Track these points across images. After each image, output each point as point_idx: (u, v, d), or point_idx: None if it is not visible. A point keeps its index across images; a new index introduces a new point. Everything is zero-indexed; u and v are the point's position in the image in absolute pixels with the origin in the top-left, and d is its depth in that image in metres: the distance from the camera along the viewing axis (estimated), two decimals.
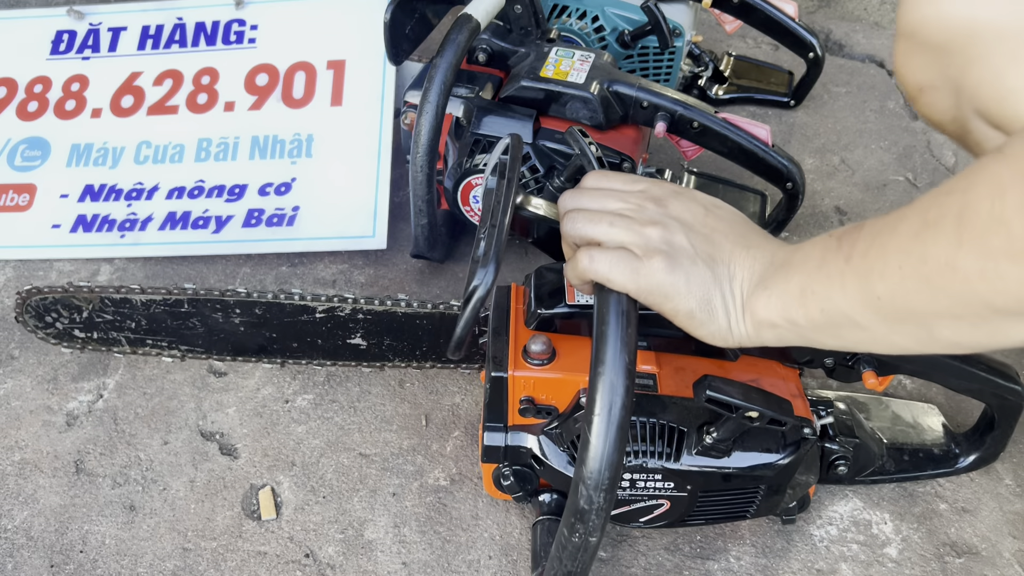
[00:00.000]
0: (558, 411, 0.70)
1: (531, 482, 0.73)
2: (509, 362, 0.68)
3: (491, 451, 0.71)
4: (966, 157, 1.29)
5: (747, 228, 0.61)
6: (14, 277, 1.06)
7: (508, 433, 0.71)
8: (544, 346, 0.68)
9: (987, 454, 0.82)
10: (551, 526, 0.71)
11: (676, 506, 0.70)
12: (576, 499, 0.51)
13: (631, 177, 0.61)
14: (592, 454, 0.50)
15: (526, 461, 0.72)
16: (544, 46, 1.01)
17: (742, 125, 0.99)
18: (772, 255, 0.57)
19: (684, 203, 0.59)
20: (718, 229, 0.59)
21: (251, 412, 0.90)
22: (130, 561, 0.77)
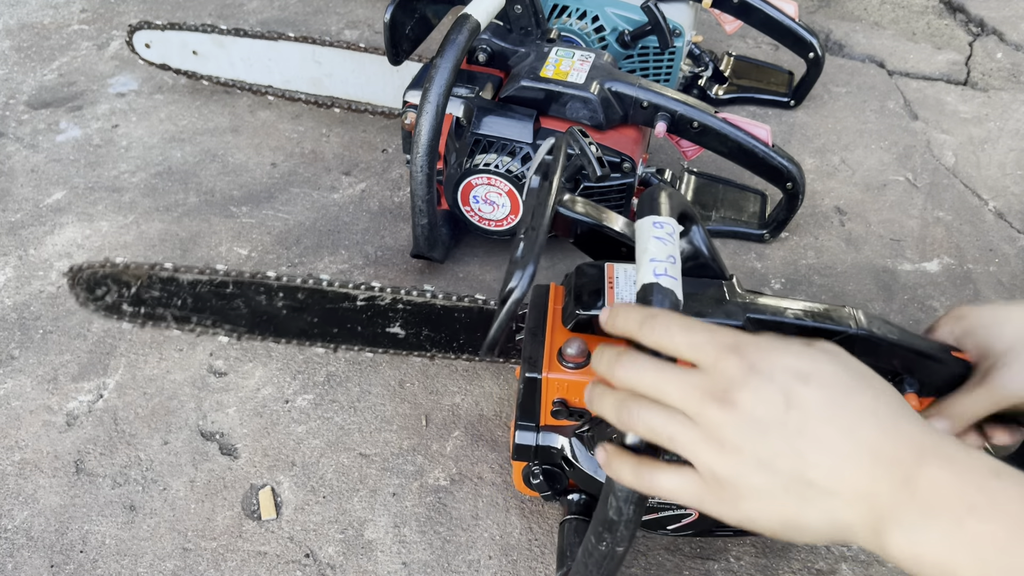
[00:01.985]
0: (590, 415, 0.68)
1: (560, 481, 0.73)
2: (544, 363, 0.67)
3: (522, 449, 0.71)
4: (966, 157, 1.30)
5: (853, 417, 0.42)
6: (14, 277, 1.06)
7: (540, 433, 0.71)
8: (580, 349, 0.67)
9: None
10: (579, 526, 0.72)
11: (703, 517, 0.70)
12: (605, 510, 0.51)
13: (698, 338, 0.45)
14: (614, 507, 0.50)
15: (556, 461, 0.72)
16: (544, 46, 1.01)
17: (742, 125, 0.99)
18: None
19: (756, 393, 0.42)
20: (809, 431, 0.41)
21: (251, 412, 0.90)
22: (130, 561, 0.77)
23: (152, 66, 1.37)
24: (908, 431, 0.42)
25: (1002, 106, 1.42)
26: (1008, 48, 1.58)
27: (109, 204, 1.18)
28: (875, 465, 0.40)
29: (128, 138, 1.32)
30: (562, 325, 0.70)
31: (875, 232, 1.15)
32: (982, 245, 1.14)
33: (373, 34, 1.60)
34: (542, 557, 0.77)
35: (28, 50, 1.53)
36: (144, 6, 1.69)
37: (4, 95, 1.42)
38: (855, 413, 0.42)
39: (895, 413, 0.43)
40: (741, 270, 1.09)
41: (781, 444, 0.42)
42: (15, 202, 1.19)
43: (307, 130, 1.34)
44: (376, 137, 1.32)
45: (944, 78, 1.50)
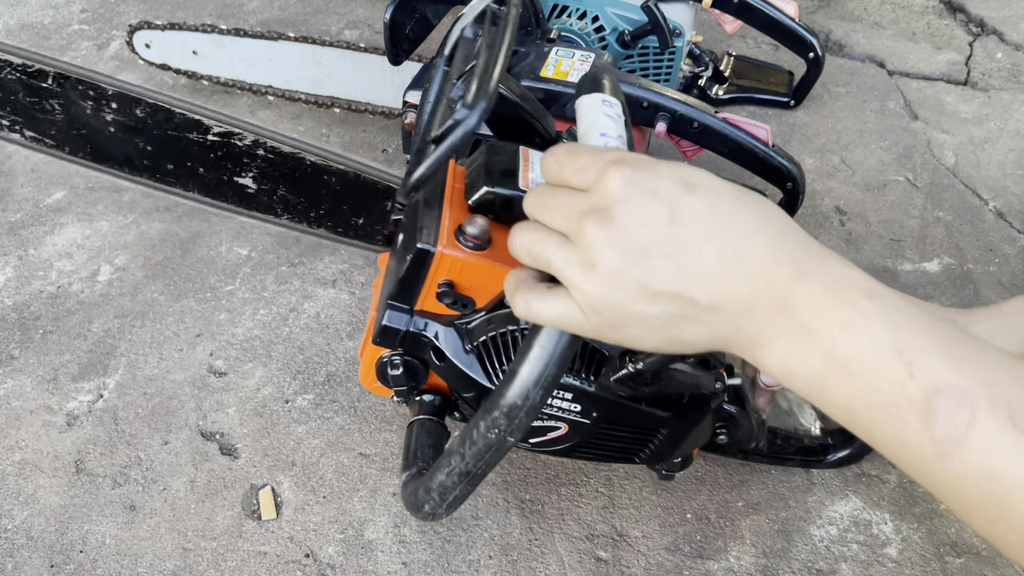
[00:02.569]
0: (475, 305, 0.62)
1: (420, 379, 0.66)
2: (440, 237, 0.59)
3: (389, 333, 0.63)
4: (966, 157, 1.30)
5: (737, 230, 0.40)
6: (14, 277, 1.06)
7: (414, 317, 0.63)
8: (483, 229, 0.59)
9: (855, 452, 0.83)
10: (432, 427, 0.66)
11: (573, 432, 0.67)
12: (507, 392, 0.45)
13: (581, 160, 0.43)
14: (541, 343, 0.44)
15: (422, 354, 0.64)
16: (544, 46, 1.01)
17: (742, 125, 0.99)
18: None
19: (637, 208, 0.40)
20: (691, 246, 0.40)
21: (251, 412, 0.90)
22: (130, 561, 0.77)
23: (152, 66, 1.36)
24: (792, 243, 0.41)
25: (1002, 106, 1.42)
26: (1008, 48, 1.58)
27: (109, 204, 1.18)
28: (755, 279, 0.39)
29: None
30: (462, 202, 0.62)
31: (875, 232, 1.15)
32: (982, 245, 1.14)
33: (373, 34, 1.60)
34: (542, 557, 0.77)
35: None
36: (144, 6, 1.69)
37: None
38: (741, 225, 0.40)
39: (782, 227, 0.41)
40: None
41: (662, 263, 0.39)
42: (15, 202, 1.19)
43: (307, 130, 1.34)
44: (376, 137, 1.32)
45: (944, 78, 1.50)
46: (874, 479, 0.85)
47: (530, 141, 0.62)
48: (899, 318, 0.38)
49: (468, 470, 0.49)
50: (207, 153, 0.70)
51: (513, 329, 0.62)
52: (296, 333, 0.99)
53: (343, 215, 0.76)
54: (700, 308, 0.40)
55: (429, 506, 0.52)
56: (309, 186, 0.73)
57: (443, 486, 0.51)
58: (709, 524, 0.80)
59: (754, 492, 0.83)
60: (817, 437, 0.84)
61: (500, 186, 0.59)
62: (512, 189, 0.59)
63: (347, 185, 0.74)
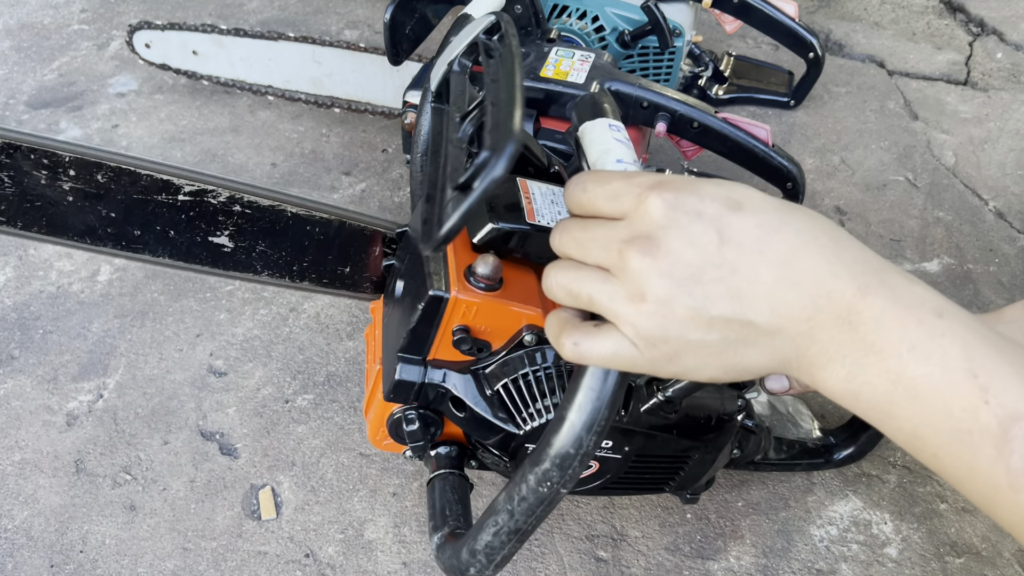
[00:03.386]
0: (491, 348, 0.60)
1: (436, 431, 0.63)
2: (451, 281, 0.56)
3: (403, 388, 0.60)
4: (966, 157, 1.30)
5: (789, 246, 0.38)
6: (14, 277, 1.06)
7: (427, 368, 0.60)
8: (494, 268, 0.56)
9: (859, 451, 0.83)
10: (455, 481, 0.63)
11: (605, 468, 0.65)
12: (557, 442, 0.42)
13: (613, 187, 0.41)
14: (589, 385, 0.41)
15: (438, 405, 0.62)
16: (544, 46, 1.01)
17: (742, 125, 0.99)
18: None
19: (684, 232, 0.38)
20: (745, 267, 0.38)
21: (251, 412, 0.90)
22: (130, 561, 0.77)
23: (152, 66, 1.37)
24: (851, 256, 0.38)
25: (1002, 106, 1.42)
26: (1008, 48, 1.58)
27: None
28: (816, 296, 0.37)
29: (128, 138, 1.32)
30: (466, 242, 0.59)
31: (875, 232, 1.15)
32: (982, 245, 1.14)
33: (373, 34, 1.60)
34: (542, 557, 0.77)
35: (28, 50, 1.53)
36: (144, 6, 1.69)
37: (4, 95, 1.42)
38: (793, 241, 0.38)
39: (834, 237, 0.39)
40: None
41: (716, 288, 0.37)
42: None
43: (307, 130, 1.34)
44: (376, 137, 1.32)
45: (944, 78, 1.50)
46: (874, 479, 0.85)
47: (523, 171, 0.61)
48: (971, 338, 0.37)
49: (518, 527, 0.47)
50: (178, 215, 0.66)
51: (535, 370, 0.60)
52: (296, 333, 0.99)
53: (328, 265, 0.73)
54: (759, 331, 0.38)
55: (475, 569, 0.49)
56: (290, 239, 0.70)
57: (490, 547, 0.48)
58: (709, 524, 0.80)
59: (754, 492, 0.83)
60: (819, 439, 0.84)
61: (506, 221, 0.56)
62: (519, 223, 0.57)
63: (331, 234, 0.70)
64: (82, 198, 0.63)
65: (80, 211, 0.64)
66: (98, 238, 0.66)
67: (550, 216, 0.58)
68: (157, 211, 0.65)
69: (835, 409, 0.91)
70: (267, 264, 0.71)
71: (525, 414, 0.60)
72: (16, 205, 0.63)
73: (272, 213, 0.68)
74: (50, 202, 0.63)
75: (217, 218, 0.67)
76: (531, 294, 0.58)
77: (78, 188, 0.63)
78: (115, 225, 0.66)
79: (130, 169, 0.63)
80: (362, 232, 0.72)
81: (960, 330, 0.37)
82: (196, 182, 0.65)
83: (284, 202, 0.68)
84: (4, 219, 0.64)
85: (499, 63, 0.49)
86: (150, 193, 0.64)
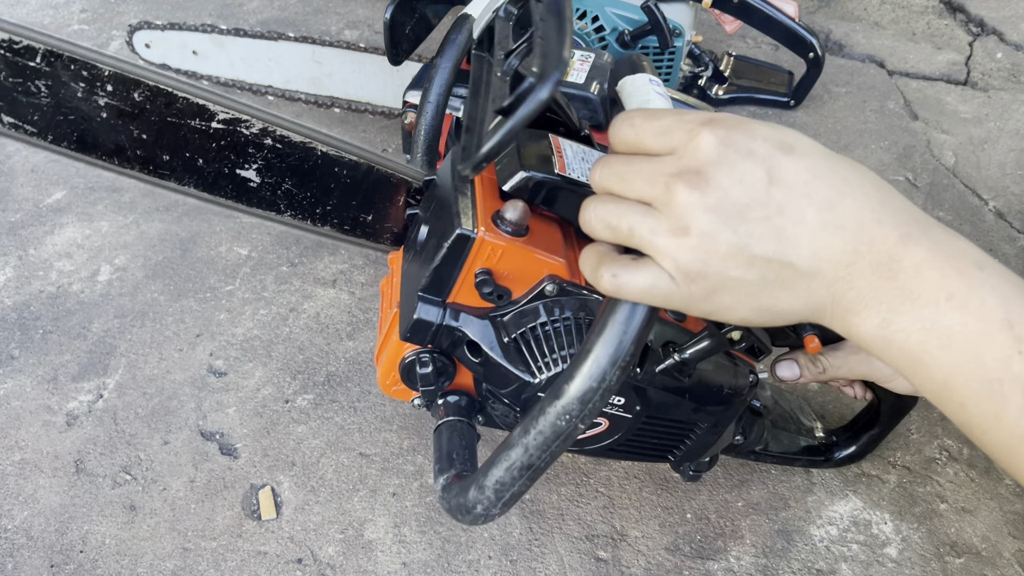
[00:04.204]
0: (511, 296, 0.60)
1: (448, 379, 0.63)
2: (479, 222, 0.55)
3: (421, 327, 0.59)
4: (966, 157, 1.30)
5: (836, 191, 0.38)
6: (14, 277, 1.06)
7: (446, 310, 0.59)
8: (523, 215, 0.56)
9: (860, 451, 0.83)
10: (463, 428, 0.63)
11: (613, 428, 0.64)
12: (580, 374, 0.42)
13: (664, 122, 0.40)
14: (617, 320, 0.41)
15: (453, 350, 0.61)
16: None
17: None
18: None
19: (733, 169, 0.38)
20: (791, 208, 0.38)
21: (251, 412, 0.90)
22: (130, 561, 0.77)
23: (152, 66, 1.36)
24: (895, 206, 0.38)
25: (1002, 106, 1.42)
26: (1008, 48, 1.58)
27: (109, 204, 1.18)
28: (859, 242, 0.37)
29: None
30: (494, 190, 0.59)
31: None
32: (982, 245, 1.14)
33: (373, 34, 1.60)
34: (542, 557, 0.77)
35: None
36: (144, 6, 1.69)
37: None
38: (839, 187, 0.38)
39: (880, 187, 0.39)
40: None
41: (761, 227, 0.37)
42: (15, 202, 1.19)
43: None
44: (376, 137, 1.32)
45: (944, 78, 1.50)
46: (874, 479, 0.85)
47: (554, 129, 0.61)
48: (1010, 291, 0.37)
49: (531, 463, 0.46)
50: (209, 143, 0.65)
51: (554, 320, 0.60)
52: (296, 333, 0.99)
53: (351, 211, 0.72)
54: (798, 274, 0.38)
55: (482, 506, 0.49)
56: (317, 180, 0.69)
57: (500, 483, 0.47)
58: (709, 524, 0.80)
59: (754, 492, 0.83)
60: (820, 436, 0.84)
61: (537, 171, 0.56)
62: (550, 173, 0.57)
63: (358, 178, 0.70)
64: (116, 115, 0.62)
65: (112, 129, 0.63)
66: (127, 159, 0.65)
67: (581, 171, 0.58)
68: (189, 136, 0.64)
69: (835, 409, 0.91)
70: (291, 204, 0.70)
71: (541, 363, 0.59)
72: (49, 117, 0.62)
73: (302, 150, 0.66)
74: (84, 116, 0.62)
75: (248, 150, 0.65)
76: (556, 245, 0.57)
77: (113, 105, 0.61)
78: (145, 147, 0.64)
79: (167, 90, 0.62)
80: (388, 179, 0.71)
81: (1000, 282, 0.37)
82: (231, 110, 0.63)
83: (316, 140, 0.66)
84: (36, 131, 0.63)
85: (547, 5, 0.48)
86: (184, 117, 0.63)
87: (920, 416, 0.90)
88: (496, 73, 0.51)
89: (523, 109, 0.40)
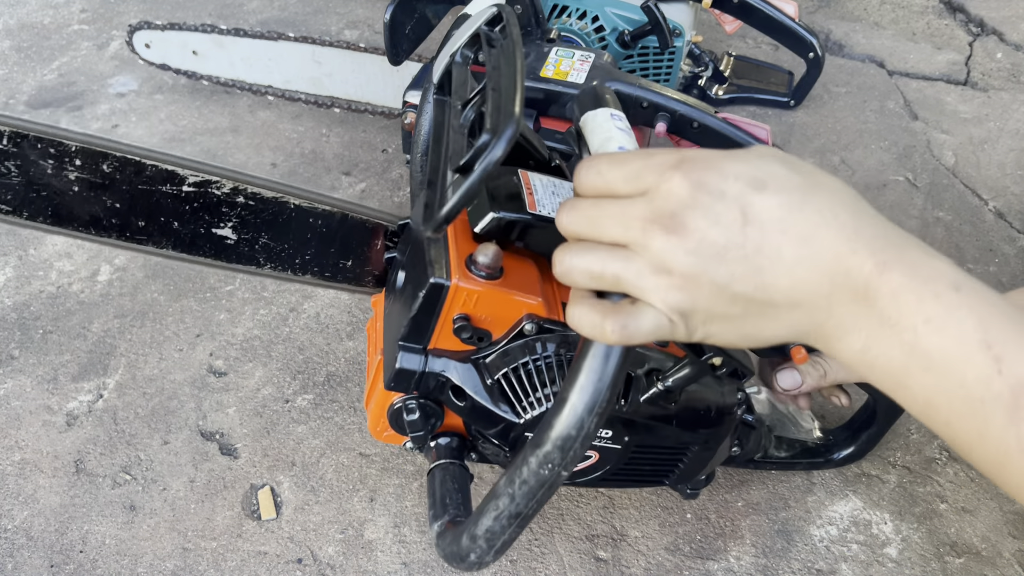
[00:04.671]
0: (491, 338, 0.60)
1: (436, 421, 0.63)
2: (452, 269, 0.57)
3: (404, 376, 0.60)
4: (966, 157, 1.30)
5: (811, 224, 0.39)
6: (14, 277, 1.06)
7: (427, 357, 0.60)
8: (495, 258, 0.57)
9: (859, 450, 0.83)
10: (456, 471, 0.63)
11: (604, 459, 0.65)
12: (558, 423, 0.42)
13: (632, 167, 0.41)
14: (591, 367, 0.42)
15: (438, 394, 0.62)
16: (544, 46, 1.01)
17: (742, 125, 0.99)
18: None
19: (708, 211, 0.38)
20: (767, 246, 0.38)
21: (251, 412, 0.90)
22: (130, 561, 0.77)
23: (152, 66, 1.37)
24: (870, 233, 0.39)
25: (1002, 106, 1.42)
26: (1008, 48, 1.58)
27: None
28: (835, 273, 0.38)
29: (128, 138, 1.32)
30: (466, 232, 0.60)
31: None
32: (982, 245, 1.14)
33: (373, 34, 1.60)
34: (542, 557, 0.77)
35: (28, 50, 1.53)
36: (144, 6, 1.69)
37: (4, 95, 1.42)
38: (813, 217, 0.39)
39: (855, 213, 0.40)
40: None
41: (739, 267, 0.38)
42: None
43: (307, 130, 1.34)
44: (376, 137, 1.32)
45: (944, 78, 1.50)
46: (874, 479, 0.85)
47: (524, 163, 0.61)
48: (987, 311, 0.37)
49: (519, 511, 0.46)
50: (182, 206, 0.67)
51: (535, 359, 0.60)
52: (296, 333, 0.99)
53: (330, 259, 0.73)
54: (779, 307, 0.40)
55: (476, 555, 0.49)
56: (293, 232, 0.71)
57: (491, 532, 0.48)
58: (709, 524, 0.80)
59: (754, 492, 0.83)
60: (819, 438, 0.84)
61: (507, 211, 0.57)
62: (521, 213, 0.57)
63: (333, 226, 0.71)
64: (88, 188, 0.64)
65: (85, 201, 0.64)
66: (103, 229, 0.66)
67: (551, 206, 0.58)
68: (161, 202, 0.65)
69: (835, 410, 0.91)
70: (270, 257, 0.71)
71: (525, 403, 0.60)
72: (22, 195, 0.63)
73: (275, 205, 0.68)
74: (56, 191, 0.63)
75: (221, 209, 0.67)
76: (531, 283, 0.58)
77: (83, 178, 0.63)
78: (119, 216, 0.66)
79: (135, 159, 0.63)
80: (364, 225, 0.72)
81: (976, 303, 0.38)
82: (200, 172, 0.65)
83: (288, 193, 0.68)
84: (10, 209, 0.63)
85: (500, 52, 0.49)
86: (155, 183, 0.64)
87: None
88: (453, 124, 0.52)
89: (479, 169, 0.42)
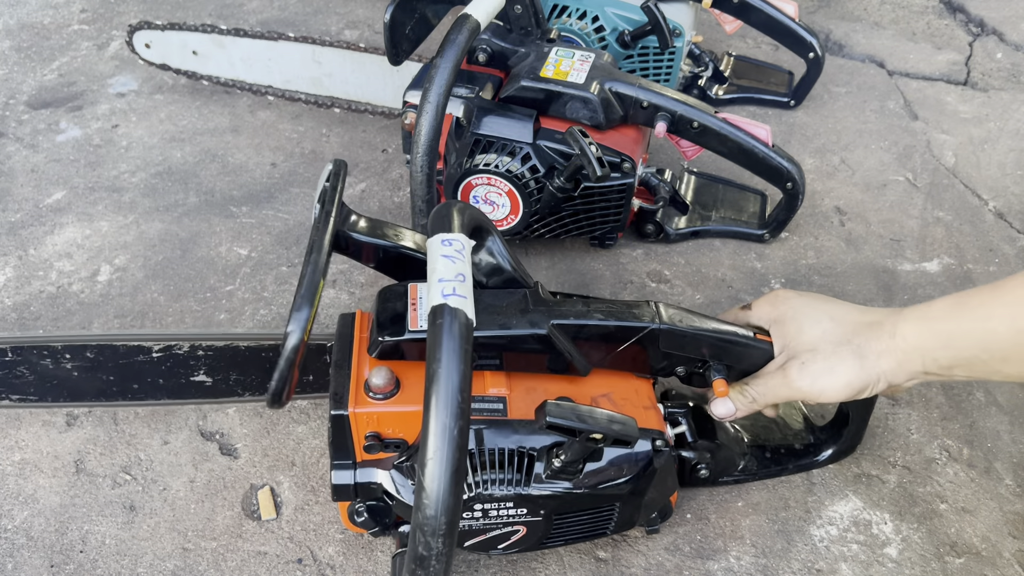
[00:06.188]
0: (407, 444, 0.67)
1: (387, 516, 0.70)
2: (349, 398, 0.65)
3: (341, 490, 0.68)
4: (966, 157, 1.30)
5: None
6: (14, 277, 1.06)
7: (357, 470, 0.68)
8: (386, 379, 0.64)
9: (844, 446, 0.84)
10: None
11: (533, 531, 0.69)
12: (415, 546, 0.49)
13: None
14: (428, 499, 0.48)
15: (379, 496, 0.69)
16: (544, 46, 1.01)
17: (742, 125, 0.99)
18: None
19: None
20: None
21: (251, 412, 0.90)
22: (130, 561, 0.77)
23: (152, 66, 1.37)
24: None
25: (1002, 106, 1.42)
26: (1008, 48, 1.58)
27: (109, 204, 1.18)
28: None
29: (128, 138, 1.32)
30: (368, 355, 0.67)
31: (875, 232, 1.15)
32: (982, 245, 1.14)
33: (373, 34, 1.61)
34: (542, 557, 0.77)
35: (28, 50, 1.54)
36: (144, 6, 1.69)
37: (4, 95, 1.42)
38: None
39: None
40: (741, 270, 1.09)
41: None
42: (15, 202, 1.19)
43: (307, 130, 1.34)
44: (376, 137, 1.32)
45: (944, 78, 1.50)
46: (874, 479, 0.85)
47: (419, 274, 0.66)
48: None
49: None
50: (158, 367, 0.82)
51: None
52: None
53: None
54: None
55: None
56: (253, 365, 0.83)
57: None
58: (709, 524, 0.80)
59: (754, 492, 0.83)
60: (805, 439, 0.84)
61: (390, 335, 0.64)
62: (399, 336, 0.64)
63: None
64: (83, 371, 0.81)
65: (86, 380, 0.82)
66: (108, 396, 0.84)
67: None
68: (141, 368, 0.81)
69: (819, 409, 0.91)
70: (245, 386, 0.85)
71: None
72: (37, 386, 0.82)
73: (229, 350, 0.81)
74: (62, 379, 0.82)
75: (189, 362, 0.82)
76: None
77: (77, 365, 0.81)
78: (116, 384, 0.83)
79: (109, 343, 0.79)
80: (319, 347, 0.83)
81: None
82: (161, 340, 0.80)
83: (235, 339, 0.80)
84: (37, 397, 0.83)
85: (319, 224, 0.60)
86: (131, 356, 0.80)
87: (920, 416, 0.90)
88: None
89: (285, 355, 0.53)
